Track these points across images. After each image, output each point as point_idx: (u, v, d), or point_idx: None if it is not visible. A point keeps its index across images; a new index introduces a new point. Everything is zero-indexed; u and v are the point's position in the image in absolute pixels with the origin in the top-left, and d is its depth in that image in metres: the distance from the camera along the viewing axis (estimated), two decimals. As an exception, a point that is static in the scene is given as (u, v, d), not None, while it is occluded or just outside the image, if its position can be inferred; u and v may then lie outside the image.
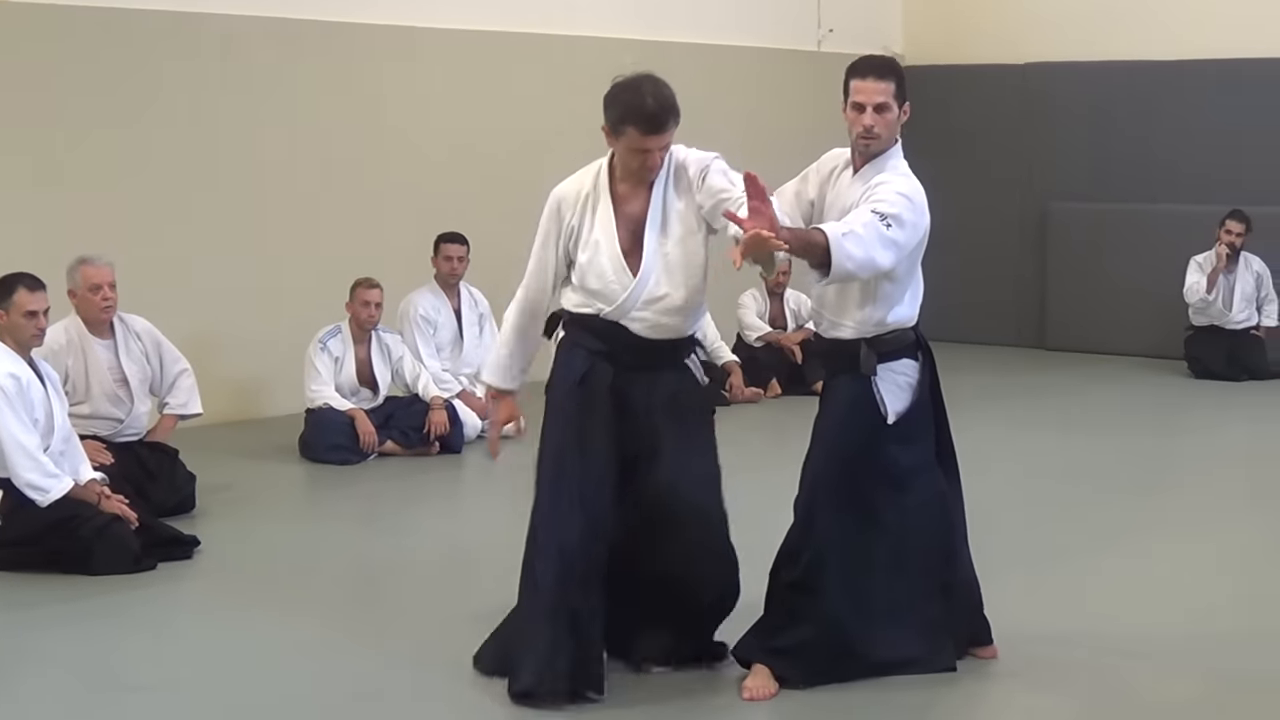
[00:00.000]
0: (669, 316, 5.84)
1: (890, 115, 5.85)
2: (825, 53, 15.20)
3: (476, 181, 12.52)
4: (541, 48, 13.04)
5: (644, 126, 5.70)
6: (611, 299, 5.81)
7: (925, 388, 5.90)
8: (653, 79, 5.80)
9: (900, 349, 5.86)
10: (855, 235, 5.45)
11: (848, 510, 5.84)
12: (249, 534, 8.29)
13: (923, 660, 5.95)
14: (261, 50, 11.38)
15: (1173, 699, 5.90)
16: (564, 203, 5.89)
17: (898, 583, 5.88)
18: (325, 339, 10.14)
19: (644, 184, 5.85)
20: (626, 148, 5.76)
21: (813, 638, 5.81)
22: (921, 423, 5.91)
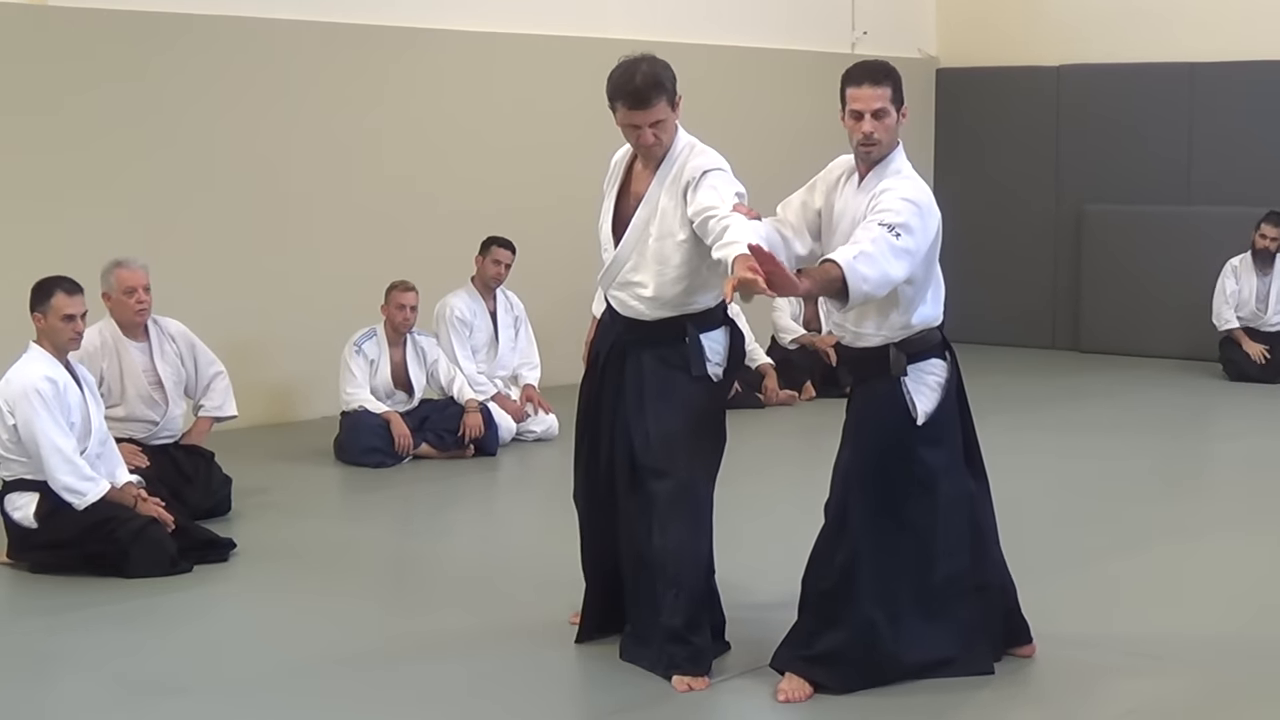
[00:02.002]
0: (641, 303, 6.07)
1: (889, 120, 5.83)
2: (860, 55, 15.17)
3: (514, 185, 12.53)
4: (576, 51, 13.04)
5: (629, 101, 5.89)
6: (602, 270, 6.19)
7: (953, 387, 5.89)
8: (649, 59, 5.95)
9: (928, 349, 5.86)
10: (866, 255, 5.47)
11: (879, 513, 5.83)
12: (284, 537, 8.30)
13: (958, 662, 5.93)
14: (300, 54, 11.42)
15: (1208, 704, 5.87)
16: (611, 168, 6.28)
17: (929, 584, 5.87)
18: (360, 341, 10.16)
19: (651, 166, 6.04)
20: (620, 124, 5.99)
21: (847, 643, 5.80)
22: (949, 423, 5.89)
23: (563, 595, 7.05)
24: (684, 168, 5.96)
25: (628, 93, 5.87)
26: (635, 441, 6.01)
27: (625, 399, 6.08)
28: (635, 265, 6.04)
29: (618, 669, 6.07)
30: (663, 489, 5.93)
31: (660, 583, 5.92)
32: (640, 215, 6.03)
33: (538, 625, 6.69)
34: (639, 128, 5.92)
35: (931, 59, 15.92)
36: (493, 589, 7.35)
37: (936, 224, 5.73)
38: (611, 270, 6.12)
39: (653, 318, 6.06)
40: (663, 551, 5.91)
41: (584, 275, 12.97)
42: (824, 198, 6.00)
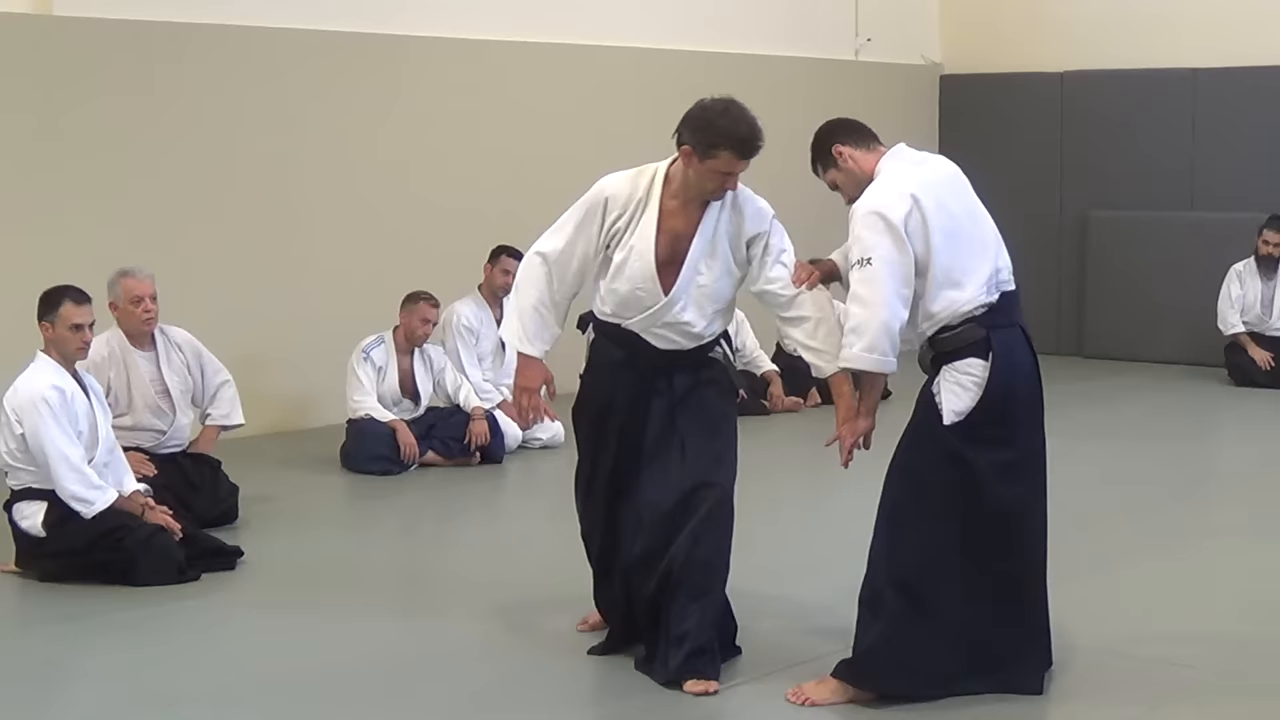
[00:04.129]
0: (684, 338, 6.03)
1: (837, 179, 5.97)
2: (863, 62, 15.20)
3: (521, 194, 12.53)
4: (582, 58, 13.07)
5: (739, 151, 5.83)
6: (635, 308, 5.97)
7: (998, 387, 5.71)
8: (740, 105, 5.93)
9: (963, 346, 5.72)
10: (850, 325, 5.71)
11: (899, 511, 5.77)
12: (292, 545, 8.32)
13: (1001, 674, 5.84)
14: (309, 64, 11.45)
15: (1222, 708, 5.88)
16: (612, 201, 5.99)
17: (975, 589, 5.76)
18: (368, 349, 10.17)
19: (695, 205, 5.93)
20: (712, 170, 5.84)
21: (878, 640, 5.74)
22: (991, 424, 5.71)
23: (570, 602, 7.07)
24: (741, 209, 5.98)
25: (740, 143, 5.82)
26: (674, 456, 5.97)
27: (655, 420, 6.02)
28: (684, 305, 5.96)
29: (628, 677, 6.07)
30: (708, 499, 5.95)
31: (687, 591, 5.91)
32: (693, 256, 5.93)
33: (546, 633, 6.71)
34: (732, 175, 5.88)
35: (935, 65, 15.93)
36: (500, 597, 7.36)
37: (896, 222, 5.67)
38: (659, 314, 5.95)
39: (690, 347, 6.07)
40: (699, 561, 5.92)
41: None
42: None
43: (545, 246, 6.10)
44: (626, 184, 6.03)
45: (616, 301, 6.01)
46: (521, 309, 6.07)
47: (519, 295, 6.10)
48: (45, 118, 10.29)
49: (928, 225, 5.70)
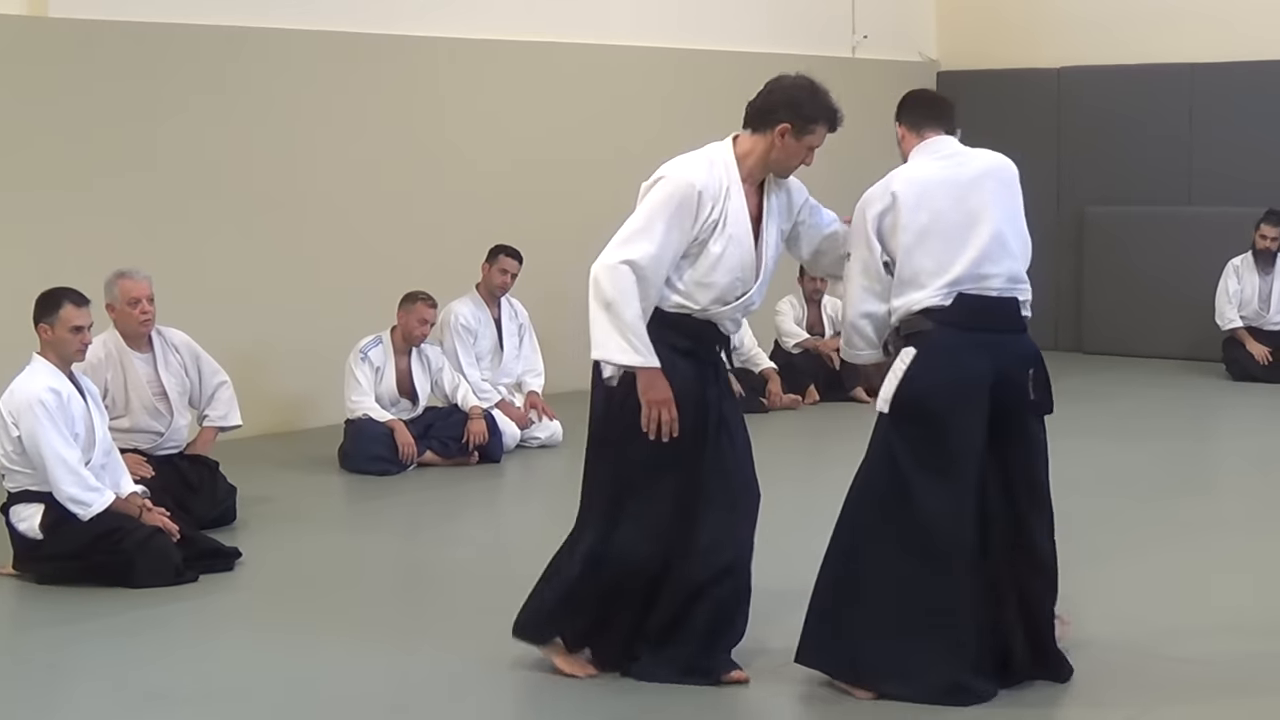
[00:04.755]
0: (747, 316, 6.15)
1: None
2: (860, 59, 15.20)
3: (518, 193, 12.54)
4: (579, 57, 13.07)
5: (831, 124, 5.97)
6: (730, 296, 5.91)
7: (919, 379, 5.73)
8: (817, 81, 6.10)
9: (909, 335, 5.83)
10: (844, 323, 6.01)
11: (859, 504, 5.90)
12: (290, 545, 8.32)
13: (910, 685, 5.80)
14: (307, 64, 11.44)
15: (1217, 706, 5.88)
16: (705, 193, 5.82)
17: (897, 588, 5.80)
18: (366, 349, 10.17)
19: (756, 184, 5.98)
20: (805, 145, 5.94)
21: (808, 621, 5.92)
22: (918, 421, 5.73)
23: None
24: (784, 184, 6.06)
25: (832, 115, 5.95)
26: (725, 446, 5.98)
27: (713, 410, 5.97)
28: (761, 287, 6.04)
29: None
30: (754, 494, 6.08)
31: (742, 588, 5.99)
32: (770, 238, 5.98)
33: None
34: (813, 150, 5.96)
35: (932, 62, 15.92)
36: (499, 596, 7.33)
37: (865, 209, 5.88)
38: (751, 298, 5.98)
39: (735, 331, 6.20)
40: (743, 559, 6.00)
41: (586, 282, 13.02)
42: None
43: (634, 254, 5.73)
44: (705, 172, 5.89)
45: (712, 293, 5.89)
46: (625, 324, 5.71)
47: (618, 310, 5.70)
48: (40, 119, 10.28)
49: (899, 224, 5.80)
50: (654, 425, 5.74)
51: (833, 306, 12.91)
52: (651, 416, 5.74)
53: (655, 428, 5.74)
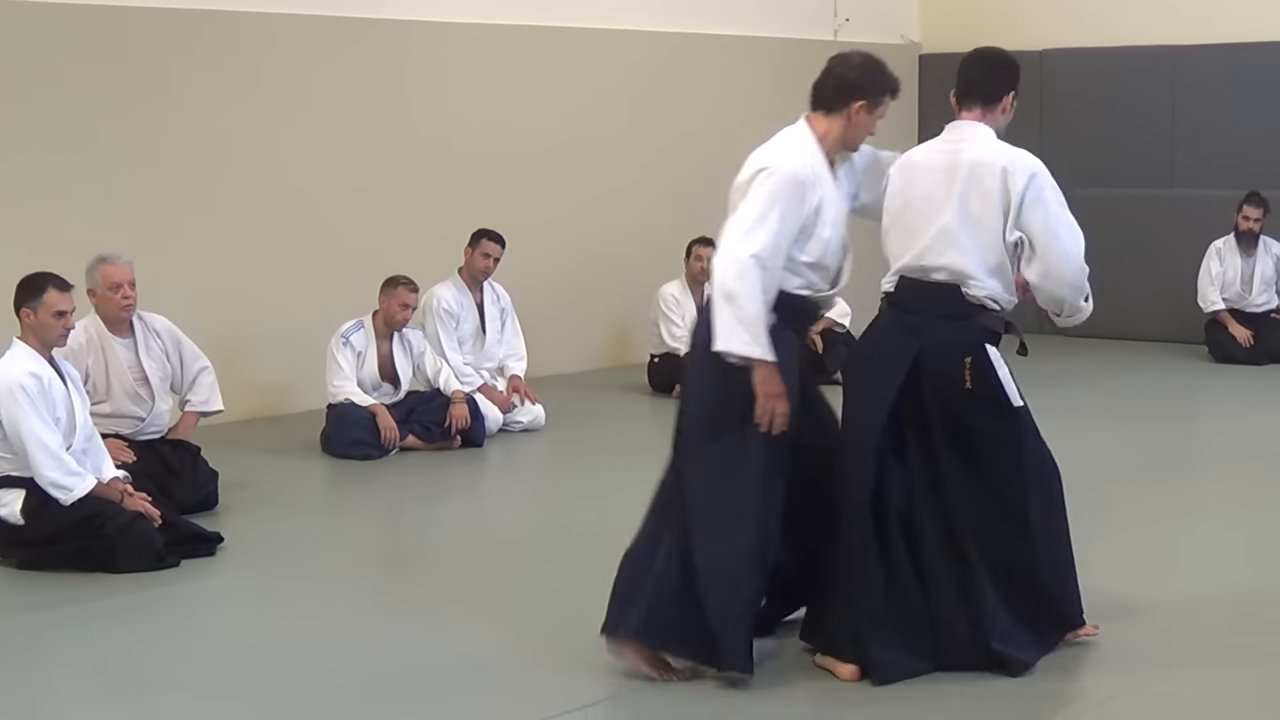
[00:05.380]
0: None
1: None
2: (842, 42, 15.16)
3: (501, 177, 12.52)
4: (563, 41, 13.04)
5: (895, 95, 6.07)
6: (834, 277, 6.03)
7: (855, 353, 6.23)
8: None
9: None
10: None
11: None
12: (272, 530, 8.30)
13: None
14: (284, 47, 11.40)
15: (1197, 685, 5.89)
16: (808, 182, 5.87)
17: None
18: (348, 334, 10.14)
19: (829, 162, 6.04)
20: (875, 119, 6.03)
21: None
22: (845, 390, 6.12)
23: (553, 584, 7.09)
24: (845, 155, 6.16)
25: (896, 86, 6.03)
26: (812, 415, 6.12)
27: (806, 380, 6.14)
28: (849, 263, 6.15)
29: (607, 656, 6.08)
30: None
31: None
32: (846, 211, 6.10)
33: (529, 615, 6.70)
34: (880, 120, 6.07)
35: (914, 45, 15.91)
36: (482, 580, 7.35)
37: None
38: (845, 273, 6.09)
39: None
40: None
41: (570, 267, 13.04)
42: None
43: (756, 247, 5.70)
44: (799, 158, 5.90)
45: (827, 276, 6.01)
46: (749, 316, 5.65)
47: (742, 303, 5.66)
48: (16, 105, 10.23)
49: (886, 203, 6.07)
50: (767, 420, 5.73)
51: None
52: (766, 410, 5.72)
53: (768, 421, 5.73)
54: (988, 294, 5.91)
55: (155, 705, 5.81)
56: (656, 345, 12.23)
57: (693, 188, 13.68)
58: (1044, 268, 5.95)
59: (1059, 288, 6.01)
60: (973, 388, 5.85)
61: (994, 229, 5.89)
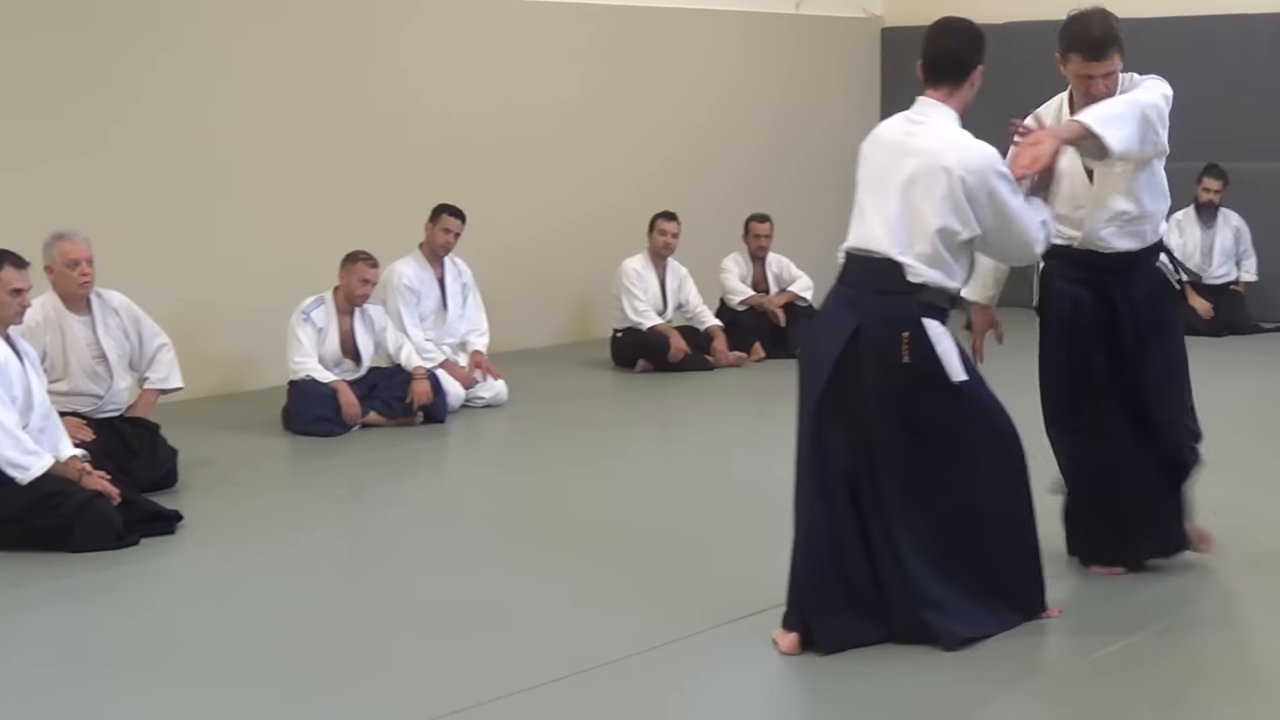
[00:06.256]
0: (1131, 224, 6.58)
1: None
2: (804, 15, 15.15)
3: (462, 152, 12.47)
4: (522, 14, 12.99)
5: (1087, 53, 6.30)
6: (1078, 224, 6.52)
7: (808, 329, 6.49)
8: (1102, 11, 6.43)
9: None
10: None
11: None
12: (232, 507, 8.25)
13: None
14: (240, 23, 11.32)
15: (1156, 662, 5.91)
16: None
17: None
18: (309, 310, 10.09)
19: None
20: (1072, 74, 6.34)
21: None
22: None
23: (515, 560, 7.07)
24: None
25: (1088, 44, 6.26)
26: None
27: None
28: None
29: (566, 634, 6.05)
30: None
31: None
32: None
33: (492, 591, 6.70)
34: (1091, 78, 6.30)
35: (876, 18, 15.89)
36: (444, 556, 7.33)
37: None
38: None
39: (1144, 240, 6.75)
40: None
41: (532, 242, 13.00)
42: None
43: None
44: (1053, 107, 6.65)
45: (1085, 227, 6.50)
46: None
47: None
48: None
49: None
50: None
51: (777, 264, 12.91)
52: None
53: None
54: (924, 279, 5.86)
55: (116, 684, 5.77)
56: (619, 320, 12.22)
57: (655, 162, 13.67)
58: (1001, 255, 6.26)
59: (1014, 262, 6.48)
60: (911, 362, 5.81)
61: (930, 223, 5.83)
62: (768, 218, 12.86)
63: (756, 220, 12.87)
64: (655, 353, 12.00)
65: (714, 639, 6.03)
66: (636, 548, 7.24)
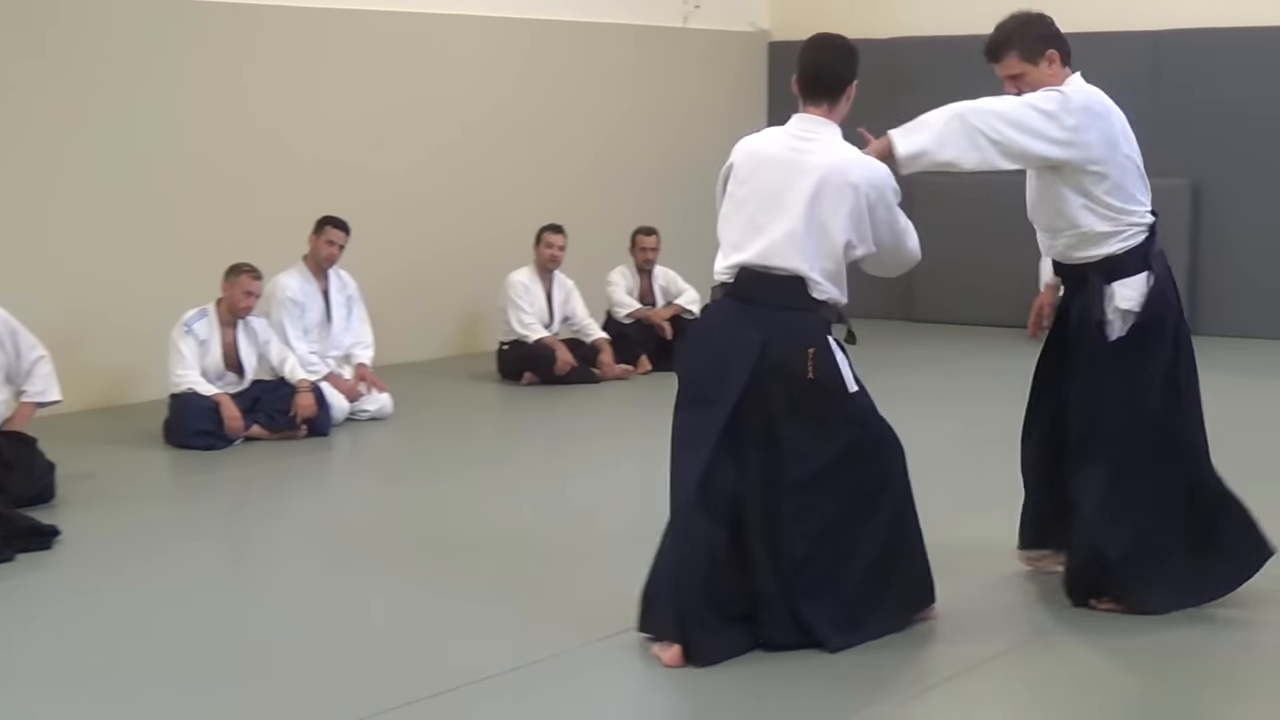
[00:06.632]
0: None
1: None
2: (692, 29, 15.19)
3: (348, 164, 12.41)
4: (408, 27, 12.93)
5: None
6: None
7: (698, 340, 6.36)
8: (1016, 14, 6.97)
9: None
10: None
11: None
12: (112, 522, 8.15)
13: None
14: (124, 29, 11.20)
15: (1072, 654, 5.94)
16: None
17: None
18: (191, 322, 10.00)
19: None
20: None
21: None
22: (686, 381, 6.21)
23: (396, 574, 7.03)
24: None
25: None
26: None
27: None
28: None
29: (445, 649, 6.01)
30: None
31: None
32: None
33: (371, 606, 6.68)
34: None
35: (763, 33, 15.97)
36: (326, 570, 7.28)
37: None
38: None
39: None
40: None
41: (417, 254, 12.93)
42: None
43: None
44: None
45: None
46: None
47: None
48: None
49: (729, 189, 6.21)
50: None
51: (664, 277, 12.92)
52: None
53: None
54: (827, 296, 5.97)
55: (-12, 703, 5.68)
56: (505, 332, 12.19)
57: (542, 175, 13.65)
58: (885, 268, 6.34)
59: (892, 274, 6.50)
60: (815, 377, 5.88)
61: (836, 239, 5.96)
62: (654, 231, 12.88)
63: (643, 233, 12.88)
64: (541, 365, 11.98)
65: (596, 653, 6.01)
66: (520, 561, 7.23)
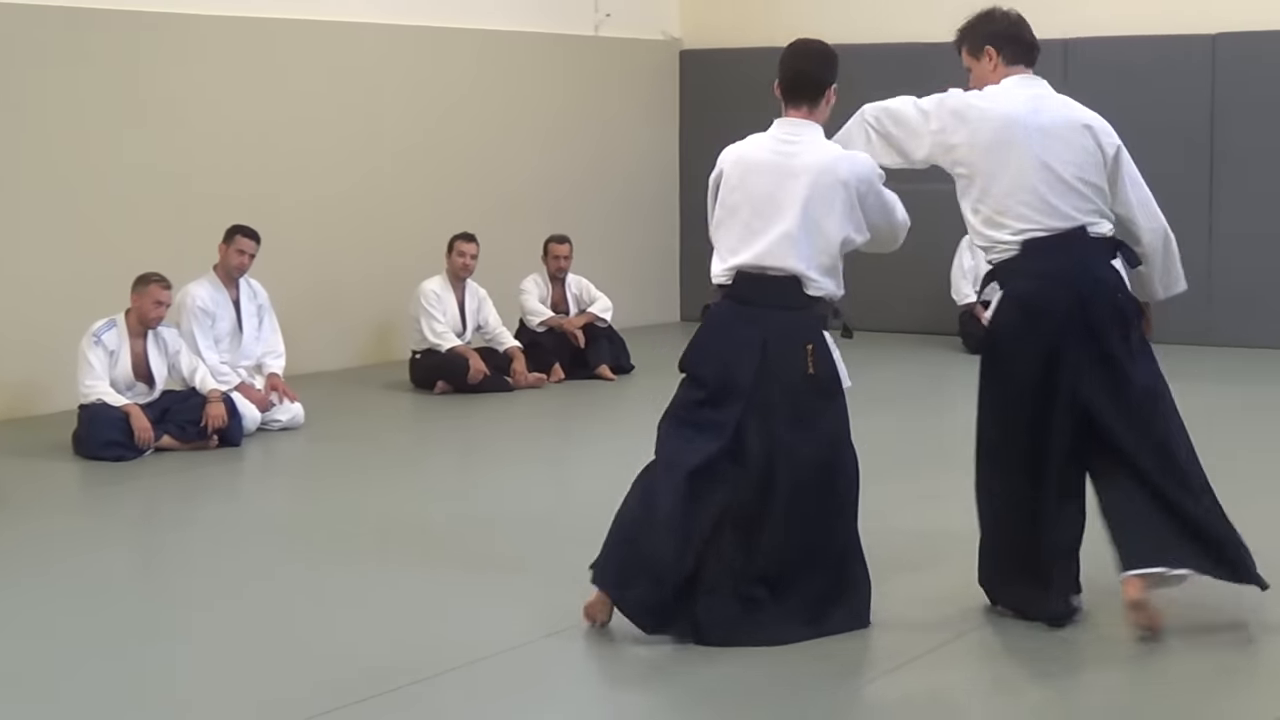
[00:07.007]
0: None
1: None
2: (603, 37, 15.21)
3: (258, 173, 12.35)
4: (318, 35, 12.89)
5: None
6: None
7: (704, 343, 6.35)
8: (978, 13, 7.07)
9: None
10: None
11: None
12: (19, 534, 8.08)
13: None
14: (30, 37, 11.11)
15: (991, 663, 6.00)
16: None
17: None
18: (100, 332, 9.93)
19: None
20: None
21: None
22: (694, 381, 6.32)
23: (309, 582, 7.01)
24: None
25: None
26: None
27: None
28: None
29: (357, 657, 6.01)
30: None
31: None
32: None
33: (284, 613, 6.65)
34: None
35: (674, 40, 16.01)
36: (237, 578, 7.25)
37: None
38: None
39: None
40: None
41: (328, 263, 12.89)
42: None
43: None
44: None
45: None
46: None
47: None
48: None
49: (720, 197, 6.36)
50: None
51: (577, 285, 12.93)
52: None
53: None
54: (824, 292, 6.17)
55: (-106, 718, 5.62)
56: (418, 341, 12.17)
57: (454, 183, 13.63)
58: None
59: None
60: (815, 373, 6.11)
61: (833, 237, 6.17)
62: (567, 239, 12.88)
63: (555, 241, 12.88)
64: (454, 374, 11.96)
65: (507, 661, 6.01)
66: (434, 569, 7.22)
